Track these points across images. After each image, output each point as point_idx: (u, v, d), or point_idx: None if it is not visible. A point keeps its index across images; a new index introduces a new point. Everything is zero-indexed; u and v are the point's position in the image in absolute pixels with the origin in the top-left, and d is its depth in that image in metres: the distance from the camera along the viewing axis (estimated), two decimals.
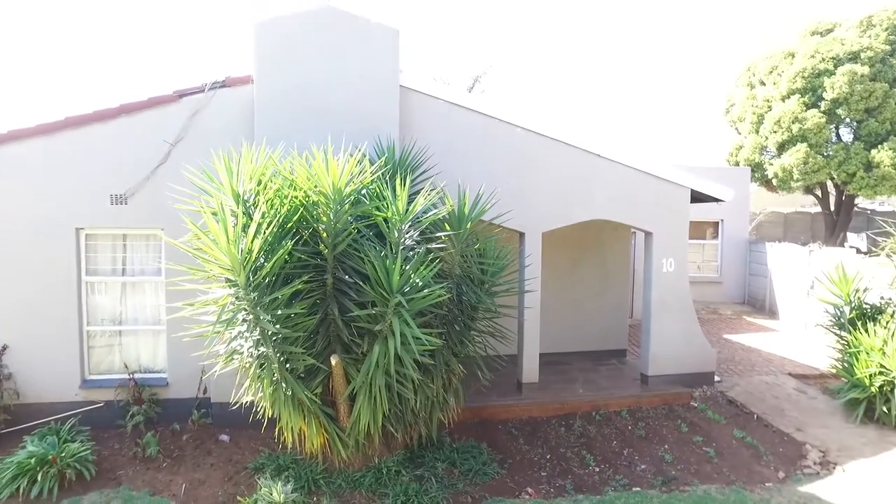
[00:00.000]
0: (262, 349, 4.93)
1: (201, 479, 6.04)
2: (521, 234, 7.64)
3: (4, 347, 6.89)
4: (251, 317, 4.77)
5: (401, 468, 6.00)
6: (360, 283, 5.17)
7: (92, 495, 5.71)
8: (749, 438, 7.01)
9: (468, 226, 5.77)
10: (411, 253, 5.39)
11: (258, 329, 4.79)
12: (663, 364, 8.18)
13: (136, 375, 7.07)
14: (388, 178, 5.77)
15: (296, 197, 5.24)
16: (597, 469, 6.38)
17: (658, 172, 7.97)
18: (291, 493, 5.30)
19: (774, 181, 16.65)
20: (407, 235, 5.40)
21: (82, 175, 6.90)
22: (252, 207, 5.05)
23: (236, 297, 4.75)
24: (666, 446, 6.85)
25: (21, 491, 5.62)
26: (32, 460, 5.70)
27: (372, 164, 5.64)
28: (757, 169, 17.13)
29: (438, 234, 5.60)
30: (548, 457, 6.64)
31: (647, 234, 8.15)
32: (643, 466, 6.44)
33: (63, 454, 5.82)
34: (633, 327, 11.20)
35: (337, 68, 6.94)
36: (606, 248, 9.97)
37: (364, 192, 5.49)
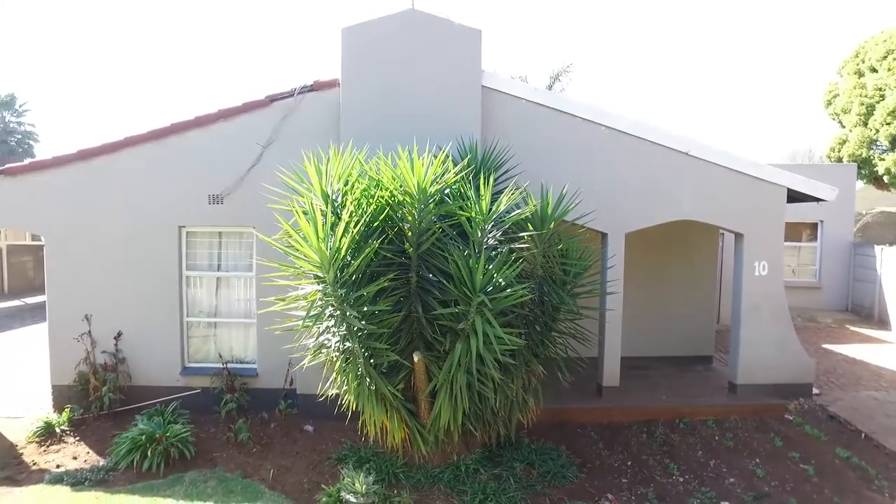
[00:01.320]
0: (347, 344, 5.10)
1: (287, 465, 6.32)
2: (604, 235, 7.47)
3: (119, 334, 7.53)
4: (338, 313, 4.95)
5: (479, 466, 6.03)
6: (444, 281, 5.24)
7: (192, 473, 6.11)
8: (856, 459, 6.48)
9: (551, 226, 5.72)
10: (494, 253, 5.40)
11: (344, 325, 4.96)
12: (754, 373, 7.75)
13: (229, 365, 7.51)
14: (470, 178, 5.80)
15: (381, 197, 5.38)
16: (681, 479, 6.14)
17: (750, 170, 7.56)
18: (373, 484, 5.44)
19: (886, 178, 15.30)
20: (490, 235, 5.42)
21: (184, 177, 7.41)
22: (340, 207, 5.23)
23: (324, 294, 4.94)
24: (757, 460, 6.48)
25: (135, 463, 6.13)
26: (143, 437, 6.21)
27: (455, 164, 5.69)
28: (864, 165, 15.83)
29: (521, 234, 5.58)
30: (629, 463, 6.46)
31: (738, 236, 7.75)
32: (732, 480, 6.13)
33: (168, 434, 6.28)
34: (720, 333, 10.67)
35: (419, 70, 7.06)
36: (693, 249, 9.57)
37: (447, 191, 5.55)
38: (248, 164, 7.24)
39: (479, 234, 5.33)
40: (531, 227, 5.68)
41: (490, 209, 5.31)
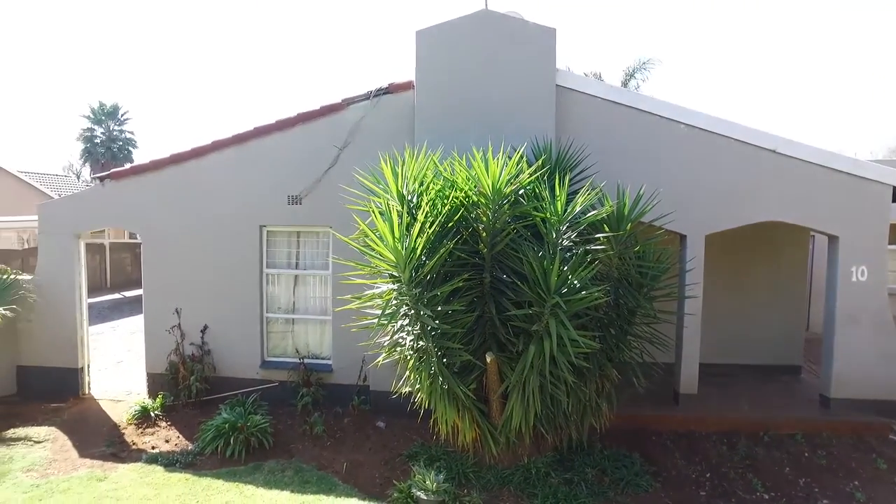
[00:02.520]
0: (421, 343, 5.17)
1: (360, 460, 6.48)
2: (683, 237, 7.18)
3: (205, 328, 7.98)
4: (412, 312, 5.02)
5: (550, 470, 5.96)
6: (518, 282, 5.21)
7: (271, 462, 6.38)
8: None
9: (628, 227, 5.57)
10: (569, 254, 5.32)
11: (419, 324, 5.03)
12: (851, 387, 7.18)
13: (305, 360, 7.78)
14: (545, 178, 5.74)
15: (456, 197, 5.42)
16: (766, 496, 5.81)
17: (846, 167, 7.02)
18: (443, 483, 5.49)
19: None
20: (565, 236, 5.34)
21: (266, 178, 7.75)
22: (415, 208, 5.31)
23: (399, 293, 5.03)
24: (856, 482, 6.00)
25: (219, 450, 6.48)
26: (227, 426, 6.55)
27: (529, 164, 5.65)
28: None
29: (597, 236, 5.47)
30: (707, 475, 6.17)
31: (831, 238, 7.23)
32: (825, 502, 5.72)
33: (249, 424, 6.59)
34: (809, 342, 10.00)
35: (493, 70, 7.04)
36: (780, 251, 9.04)
37: (522, 192, 5.52)
38: (325, 165, 7.49)
39: (554, 235, 5.27)
40: (607, 229, 5.55)
41: (565, 210, 5.24)
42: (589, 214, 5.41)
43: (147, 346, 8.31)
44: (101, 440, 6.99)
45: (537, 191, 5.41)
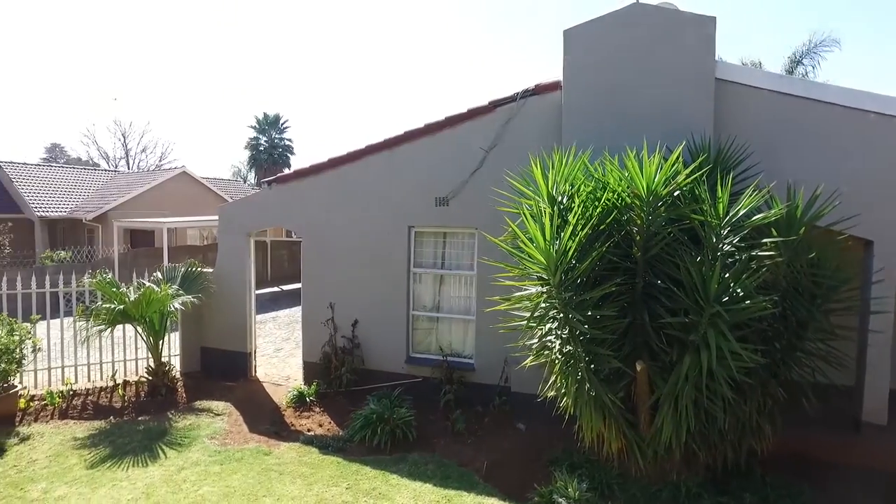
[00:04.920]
0: (568, 348, 5.08)
1: (500, 460, 6.50)
2: (868, 243, 6.32)
3: (356, 322, 8.53)
4: (561, 315, 4.95)
5: (702, 491, 5.55)
6: (673, 288, 4.94)
7: (414, 455, 6.63)
8: None
9: (800, 232, 5.03)
10: (731, 260, 4.93)
11: (567, 328, 4.95)
12: None
13: (449, 358, 7.99)
14: (703, 178, 5.37)
15: (608, 199, 5.26)
16: None
17: None
18: (586, 492, 5.35)
19: None
20: (726, 241, 4.95)
21: (414, 181, 8.09)
22: (566, 210, 5.23)
23: (548, 296, 4.99)
24: None
25: (366, 438, 6.86)
26: (374, 416, 6.92)
27: (686, 164, 5.32)
28: None
29: (764, 241, 5.00)
30: None
31: None
32: None
33: (395, 416, 6.91)
34: None
35: (645, 66, 6.72)
36: None
37: (678, 193, 5.21)
38: (471, 167, 7.65)
39: (714, 240, 4.91)
40: (775, 233, 5.06)
41: (727, 212, 4.87)
42: (755, 217, 4.96)
43: (304, 337, 9.06)
44: (266, 419, 7.74)
45: (696, 192, 5.08)
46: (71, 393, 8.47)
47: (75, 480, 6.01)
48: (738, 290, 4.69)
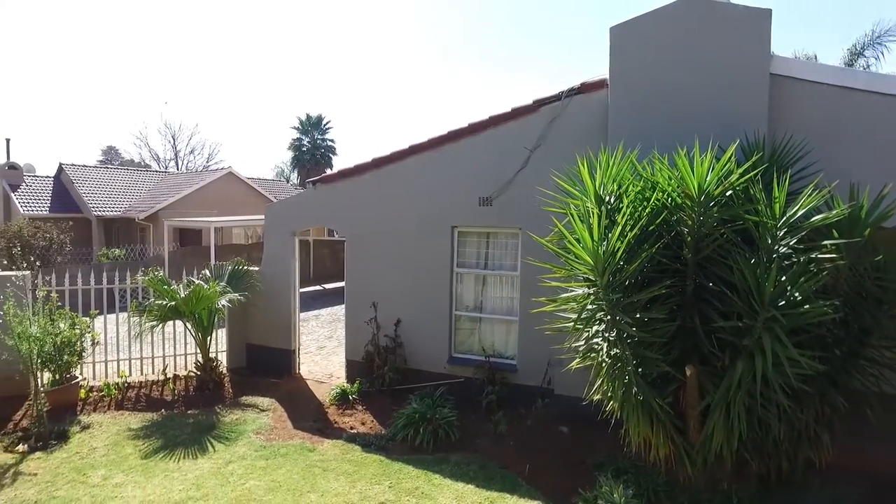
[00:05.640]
0: (615, 350, 4.98)
1: (543, 463, 6.43)
2: None
3: (398, 321, 8.57)
4: (608, 317, 4.86)
5: (754, 501, 5.37)
6: (726, 291, 4.77)
7: (456, 455, 6.62)
8: None
9: (866, 233, 4.79)
10: (787, 262, 4.74)
11: (615, 330, 4.85)
12: None
13: (491, 359, 7.95)
14: (758, 177, 5.18)
15: (657, 199, 5.13)
16: None
17: None
18: (632, 498, 5.23)
19: None
20: (782, 242, 4.76)
21: (458, 181, 8.08)
22: (614, 210, 5.13)
23: (595, 297, 4.90)
24: None
25: (408, 437, 6.89)
26: (417, 415, 6.95)
27: (739, 163, 5.14)
28: None
29: (824, 243, 4.78)
30: None
31: None
32: None
33: (437, 416, 6.92)
34: None
35: (695, 63, 6.53)
36: None
37: (731, 193, 5.04)
38: (515, 167, 7.59)
39: (770, 241, 4.73)
40: (836, 235, 4.84)
41: (784, 212, 4.67)
42: (814, 218, 4.75)
43: (347, 335, 9.16)
44: (309, 415, 7.86)
45: (750, 191, 4.89)
46: (126, 385, 8.80)
47: (131, 469, 6.24)
48: (796, 294, 4.50)
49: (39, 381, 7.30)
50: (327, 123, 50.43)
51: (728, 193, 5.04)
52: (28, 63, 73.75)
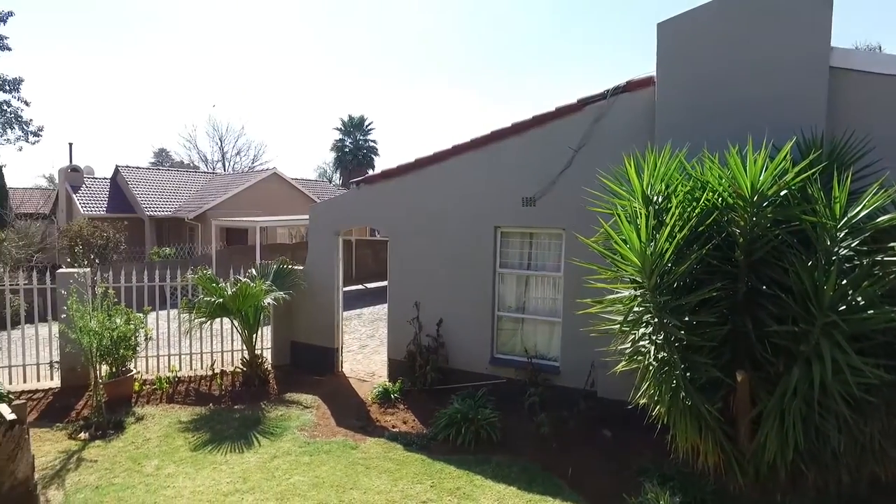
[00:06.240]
0: (662, 354, 4.85)
1: (586, 467, 6.33)
2: None
3: (440, 321, 8.59)
4: (655, 320, 4.74)
5: None
6: (781, 294, 4.59)
7: (498, 456, 6.58)
8: None
9: None
10: (847, 265, 4.52)
11: (662, 333, 4.73)
12: None
13: (533, 360, 7.87)
14: (815, 176, 4.96)
15: (707, 199, 4.97)
16: None
17: None
18: None
19: None
20: (842, 244, 4.54)
21: (501, 181, 8.04)
22: (662, 210, 5.00)
23: (643, 299, 4.79)
24: None
25: (450, 437, 6.90)
26: (459, 416, 6.95)
27: (795, 161, 4.93)
28: None
29: (890, 245, 4.54)
30: None
31: None
32: None
33: (479, 416, 6.89)
34: None
35: (748, 57, 6.31)
36: None
37: (786, 193, 4.84)
38: (559, 167, 7.50)
39: (829, 243, 4.51)
40: None
41: (845, 213, 4.46)
42: (880, 219, 4.52)
43: (389, 335, 9.23)
44: (352, 413, 7.95)
45: (807, 191, 4.69)
46: (176, 379, 9.10)
47: (182, 461, 6.45)
48: (858, 299, 4.29)
49: (98, 373, 7.62)
50: (369, 124, 51.03)
51: (783, 193, 4.85)
52: (87, 70, 77.27)
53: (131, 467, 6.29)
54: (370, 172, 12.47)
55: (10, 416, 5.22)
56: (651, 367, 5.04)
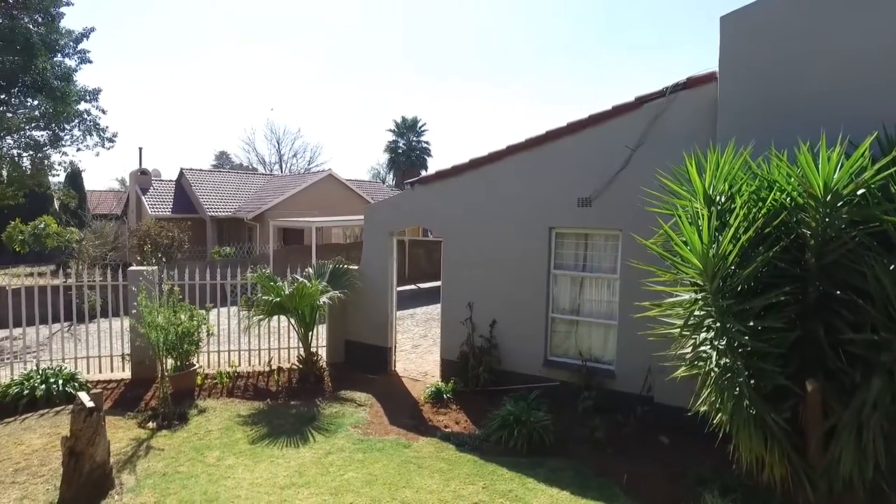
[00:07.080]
0: (725, 360, 4.66)
1: (642, 473, 6.17)
2: None
3: (494, 322, 8.56)
4: (718, 325, 4.56)
5: None
6: (857, 300, 4.33)
7: (551, 460, 6.50)
8: None
9: None
10: None
11: (725, 338, 4.54)
12: None
13: (588, 363, 7.74)
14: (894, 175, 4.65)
15: (775, 199, 4.75)
16: None
17: None
18: None
19: None
20: None
21: (556, 181, 7.94)
22: (725, 211, 4.81)
23: (704, 303, 4.61)
24: None
25: (502, 439, 6.86)
26: (511, 417, 6.91)
27: (875, 159, 4.64)
28: None
29: None
30: None
31: None
32: None
33: (532, 419, 6.82)
34: None
35: (820, 49, 5.97)
36: None
37: (863, 192, 4.56)
38: (616, 167, 7.34)
39: None
40: None
41: None
42: None
43: (442, 335, 9.27)
44: (404, 412, 8.02)
45: (891, 189, 4.40)
46: (235, 374, 9.43)
47: (241, 453, 6.67)
48: None
49: (164, 366, 8.00)
50: (422, 126, 51.42)
51: (860, 192, 4.57)
52: (156, 77, 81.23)
53: (195, 457, 6.56)
54: (423, 173, 12.56)
55: (90, 404, 5.59)
56: (713, 374, 4.85)
